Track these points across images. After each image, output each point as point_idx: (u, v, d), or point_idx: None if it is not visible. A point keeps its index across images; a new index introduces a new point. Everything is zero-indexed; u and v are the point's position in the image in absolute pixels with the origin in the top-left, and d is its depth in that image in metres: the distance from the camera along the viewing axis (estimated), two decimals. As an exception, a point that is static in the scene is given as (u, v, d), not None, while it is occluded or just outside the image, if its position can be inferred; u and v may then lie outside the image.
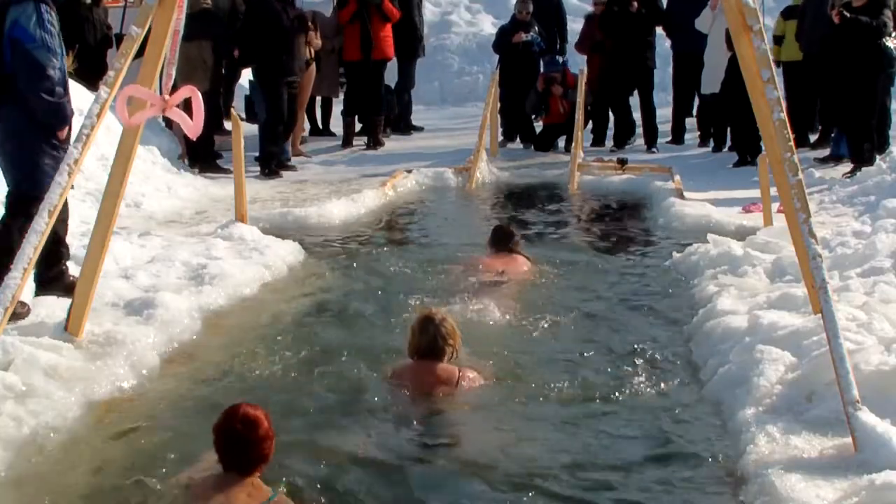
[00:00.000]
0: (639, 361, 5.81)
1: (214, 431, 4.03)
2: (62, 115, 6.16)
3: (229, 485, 3.91)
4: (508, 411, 5.16)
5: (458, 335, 5.52)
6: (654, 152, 13.50)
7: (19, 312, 5.90)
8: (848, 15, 10.84)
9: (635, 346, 6.06)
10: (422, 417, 5.07)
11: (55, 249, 6.33)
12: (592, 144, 13.82)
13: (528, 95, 13.73)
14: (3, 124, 6.27)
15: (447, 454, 4.71)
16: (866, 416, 4.22)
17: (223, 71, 12.14)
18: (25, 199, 6.13)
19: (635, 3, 13.25)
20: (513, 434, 4.90)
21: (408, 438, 4.84)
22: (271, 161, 11.86)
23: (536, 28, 14.13)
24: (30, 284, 6.23)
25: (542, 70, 13.90)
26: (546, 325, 6.46)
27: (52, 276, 6.51)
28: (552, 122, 13.92)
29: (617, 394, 5.32)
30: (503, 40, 14.19)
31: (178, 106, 5.29)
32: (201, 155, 11.64)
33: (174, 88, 5.39)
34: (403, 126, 15.02)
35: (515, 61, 13.91)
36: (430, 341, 5.43)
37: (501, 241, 7.93)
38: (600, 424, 4.94)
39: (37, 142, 6.17)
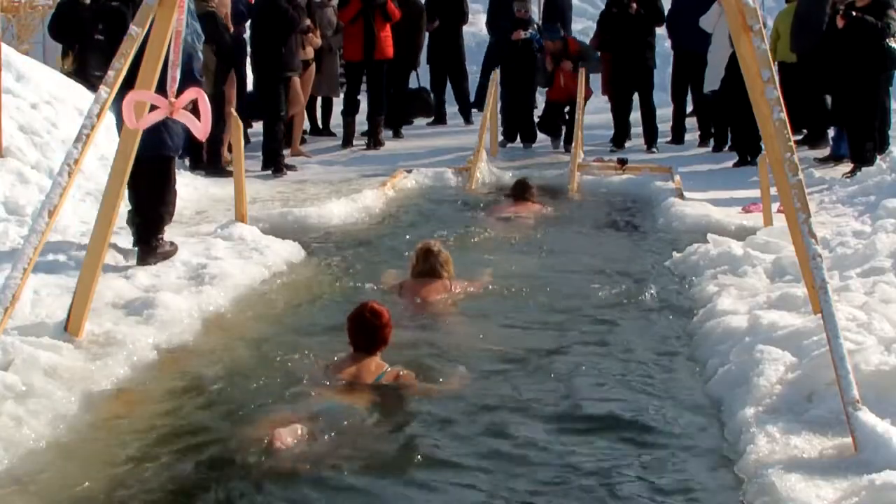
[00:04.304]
0: (638, 361, 5.82)
1: (349, 320, 5.43)
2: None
3: (358, 360, 5.33)
4: (496, 316, 6.64)
5: (451, 262, 7.03)
6: (653, 152, 13.50)
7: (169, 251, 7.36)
8: (854, 14, 10.84)
9: (635, 346, 6.07)
10: (424, 318, 6.59)
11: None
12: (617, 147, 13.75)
13: (537, 73, 13.73)
14: None
15: (441, 342, 6.14)
16: (866, 416, 4.22)
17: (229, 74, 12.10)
18: (157, 160, 7.21)
19: (634, 5, 13.24)
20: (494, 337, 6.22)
21: (419, 338, 6.14)
22: (275, 159, 11.87)
23: (535, 25, 14.13)
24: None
25: (537, 39, 13.92)
26: (541, 320, 6.58)
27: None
28: (555, 97, 13.92)
29: (615, 394, 5.32)
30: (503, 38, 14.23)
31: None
32: (209, 158, 11.59)
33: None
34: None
35: (515, 59, 13.91)
36: (429, 267, 6.93)
37: (518, 192, 10.15)
38: (597, 423, 4.94)
39: None
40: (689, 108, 14.34)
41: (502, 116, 14.03)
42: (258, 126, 12.59)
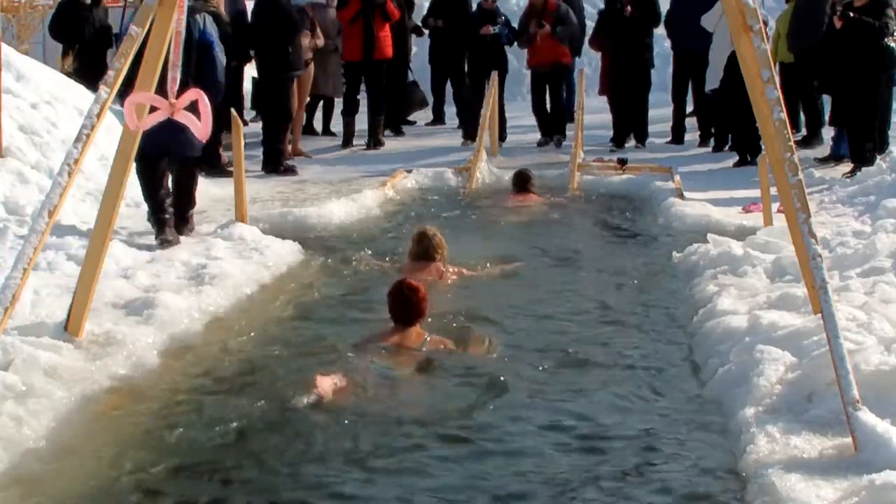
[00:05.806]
0: (638, 361, 5.82)
1: (389, 295, 5.96)
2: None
3: (398, 331, 5.86)
4: (490, 307, 6.81)
5: (446, 246, 7.42)
6: (640, 147, 13.53)
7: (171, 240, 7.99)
8: (852, 15, 10.83)
9: (634, 346, 6.07)
10: None
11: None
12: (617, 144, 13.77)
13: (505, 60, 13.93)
14: None
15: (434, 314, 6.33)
16: (866, 416, 4.21)
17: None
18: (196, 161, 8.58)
19: (629, 8, 13.21)
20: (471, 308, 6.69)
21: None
22: (276, 159, 11.86)
23: (503, 18, 14.09)
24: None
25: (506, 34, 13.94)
26: (536, 317, 6.60)
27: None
28: (537, 62, 13.82)
29: (613, 393, 5.32)
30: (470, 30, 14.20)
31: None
32: (207, 159, 11.56)
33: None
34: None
35: (483, 53, 13.87)
36: (424, 250, 7.37)
37: (519, 183, 10.59)
38: (597, 423, 4.94)
39: None
40: (690, 108, 14.34)
41: (469, 111, 13.81)
42: (256, 126, 12.59)
